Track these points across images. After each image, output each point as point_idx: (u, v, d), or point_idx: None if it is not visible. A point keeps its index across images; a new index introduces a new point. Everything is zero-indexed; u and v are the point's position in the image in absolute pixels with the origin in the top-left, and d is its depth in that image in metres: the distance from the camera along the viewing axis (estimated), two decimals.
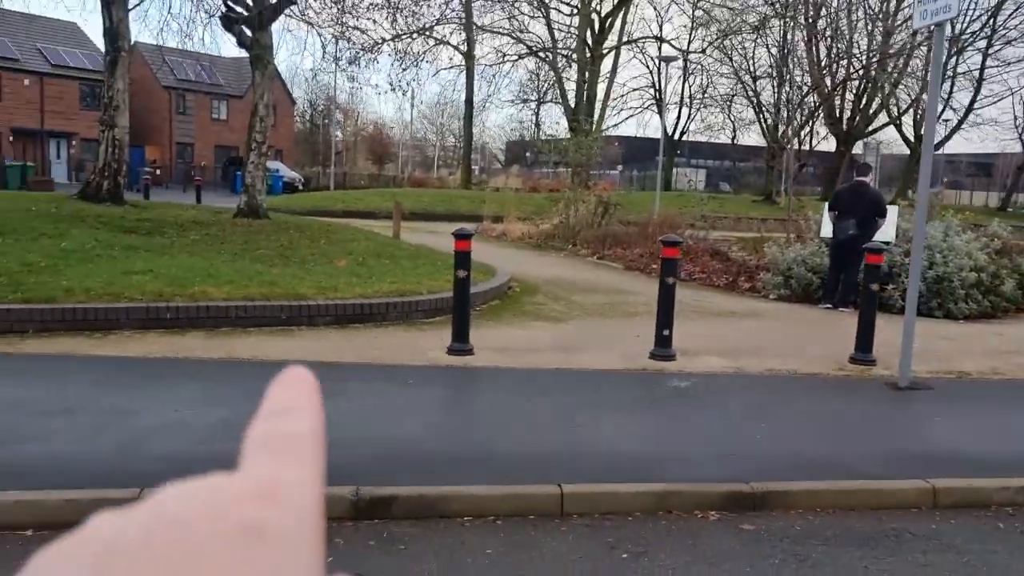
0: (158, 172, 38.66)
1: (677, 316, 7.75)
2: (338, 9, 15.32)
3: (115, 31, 14.67)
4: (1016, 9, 41.99)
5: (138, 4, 15.92)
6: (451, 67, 40.91)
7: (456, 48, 37.36)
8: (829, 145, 40.26)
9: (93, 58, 45.66)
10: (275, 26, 14.90)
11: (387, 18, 16.83)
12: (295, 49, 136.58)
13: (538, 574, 3.71)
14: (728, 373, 7.20)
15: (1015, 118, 47.40)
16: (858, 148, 43.49)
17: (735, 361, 7.60)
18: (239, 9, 13.50)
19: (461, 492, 4.31)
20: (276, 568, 0.28)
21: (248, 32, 13.67)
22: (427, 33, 31.33)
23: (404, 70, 30.79)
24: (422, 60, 32.10)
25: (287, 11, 13.80)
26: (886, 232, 11.08)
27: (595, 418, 5.70)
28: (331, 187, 43.97)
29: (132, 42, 15.62)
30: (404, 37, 28.51)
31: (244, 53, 15.45)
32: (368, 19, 16.67)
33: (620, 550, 3.96)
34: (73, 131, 44.11)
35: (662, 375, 7.03)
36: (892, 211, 11.56)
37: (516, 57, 38.17)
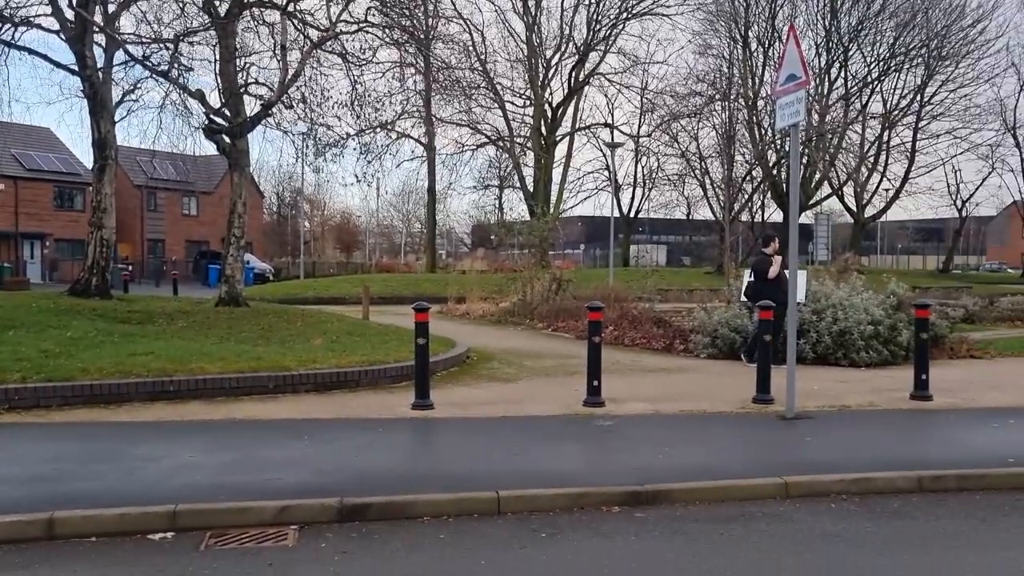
0: (130, 268, 39.73)
1: (615, 374, 9.15)
2: (307, 111, 16.96)
3: (103, 141, 16.19)
4: (940, 86, 45.32)
5: (124, 118, 17.50)
6: (413, 158, 42.89)
7: (417, 141, 39.38)
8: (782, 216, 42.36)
9: (66, 161, 47.25)
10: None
11: (350, 114, 18.40)
12: (266, 149, 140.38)
13: (479, 545, 5.04)
14: (647, 414, 8.63)
15: (948, 186, 50.18)
16: (808, 218, 45.67)
17: (655, 405, 9.04)
18: (220, 121, 15.11)
19: (421, 498, 5.64)
20: None
21: (227, 139, 15.27)
22: (389, 127, 33.22)
23: (368, 163, 32.59)
24: (385, 153, 33.91)
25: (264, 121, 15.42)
26: (799, 293, 12.67)
27: (531, 449, 7.08)
28: (301, 276, 45.26)
29: (117, 149, 17.10)
30: (367, 132, 30.36)
31: (213, 150, 17.04)
32: (333, 116, 18.32)
33: (540, 532, 5.30)
34: (47, 232, 45.35)
35: (591, 417, 8.44)
36: (802, 274, 13.19)
37: (475, 147, 40.29)
